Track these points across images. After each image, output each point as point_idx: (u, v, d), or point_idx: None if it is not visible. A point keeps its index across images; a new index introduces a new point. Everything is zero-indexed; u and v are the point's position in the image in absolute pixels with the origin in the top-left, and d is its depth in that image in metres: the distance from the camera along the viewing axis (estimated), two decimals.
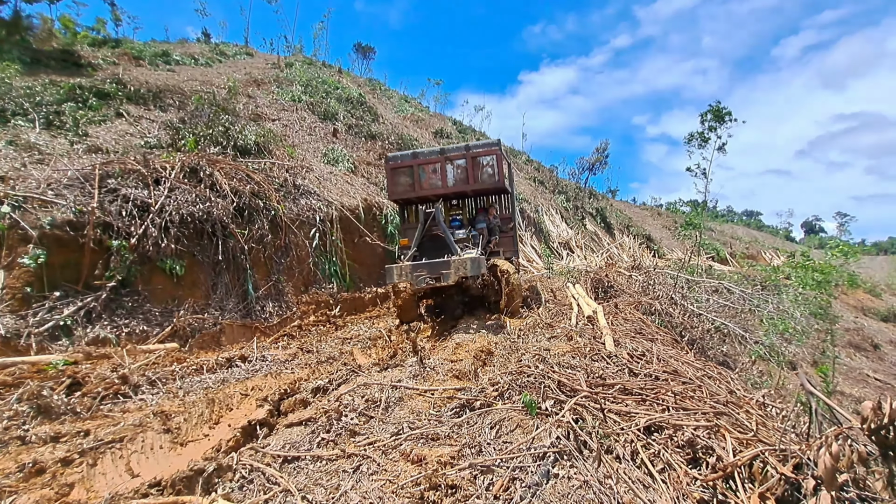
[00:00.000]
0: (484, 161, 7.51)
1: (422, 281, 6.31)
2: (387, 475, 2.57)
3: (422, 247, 7.04)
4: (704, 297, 10.50)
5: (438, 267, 6.33)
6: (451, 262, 6.27)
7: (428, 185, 7.60)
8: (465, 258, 6.28)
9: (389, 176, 7.92)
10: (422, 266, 6.41)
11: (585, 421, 3.02)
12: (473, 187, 7.56)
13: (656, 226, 39.52)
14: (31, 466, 2.69)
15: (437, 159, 7.64)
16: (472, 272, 6.23)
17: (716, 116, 18.21)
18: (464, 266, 6.22)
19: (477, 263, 6.23)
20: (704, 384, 4.17)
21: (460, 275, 6.24)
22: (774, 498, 2.33)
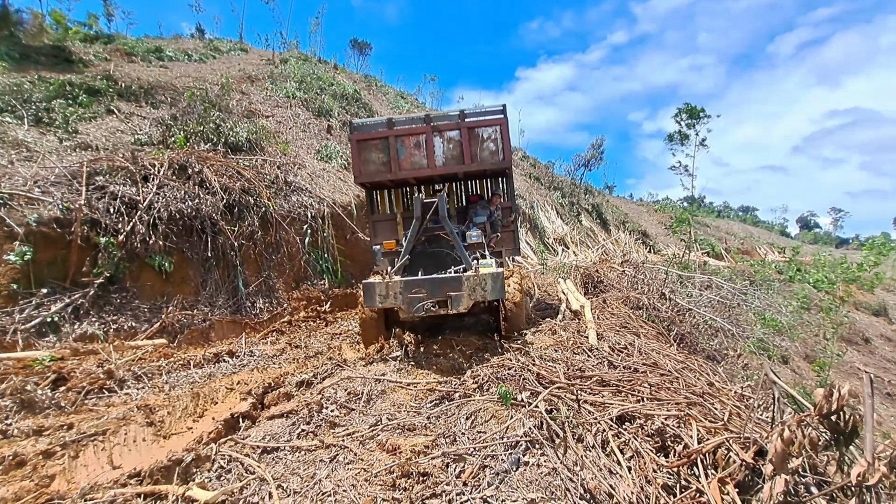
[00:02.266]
0: (484, 133, 5.90)
1: (420, 307, 4.46)
2: (362, 464, 2.63)
3: (414, 253, 5.34)
4: (696, 293, 10.59)
5: (445, 286, 4.52)
6: (464, 280, 4.51)
7: (409, 163, 5.90)
8: (484, 274, 4.53)
9: (355, 151, 6.07)
10: (420, 284, 4.56)
11: (560, 411, 3.08)
12: (469, 168, 5.91)
13: (652, 222, 39.63)
14: (12, 459, 2.73)
15: (421, 129, 5.93)
16: (494, 294, 4.54)
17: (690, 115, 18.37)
18: (482, 286, 4.50)
19: (499, 282, 4.53)
20: (683, 376, 4.23)
21: (477, 298, 4.55)
22: (735, 482, 2.40)
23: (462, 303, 4.51)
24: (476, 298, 4.56)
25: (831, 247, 46.46)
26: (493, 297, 4.60)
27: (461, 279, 4.55)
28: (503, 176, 7.17)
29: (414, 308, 4.48)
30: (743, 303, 9.83)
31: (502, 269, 4.75)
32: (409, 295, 4.54)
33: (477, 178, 7.31)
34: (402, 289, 4.56)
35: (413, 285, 4.57)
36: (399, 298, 4.56)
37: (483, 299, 4.65)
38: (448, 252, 5.34)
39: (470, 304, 4.56)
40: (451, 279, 4.58)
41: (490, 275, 4.54)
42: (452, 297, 4.50)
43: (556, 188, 29.06)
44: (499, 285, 4.52)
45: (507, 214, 7.16)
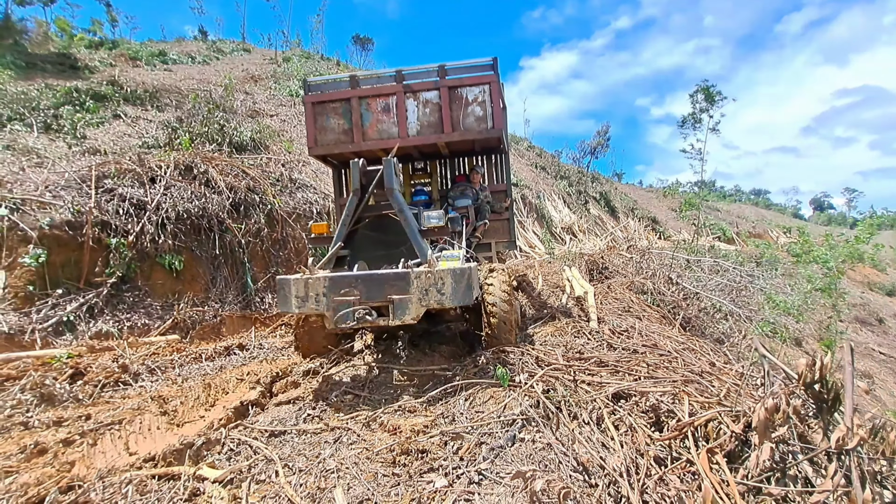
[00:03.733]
0: (469, 95, 4.82)
1: (348, 315, 3.34)
2: (364, 444, 2.74)
3: (355, 240, 4.22)
4: (704, 276, 10.54)
5: (385, 286, 3.37)
6: (412, 278, 3.34)
7: (375, 131, 4.88)
8: (441, 271, 3.34)
9: (310, 115, 5.05)
10: (350, 282, 3.42)
11: (556, 391, 3.16)
12: (451, 137, 4.84)
13: (662, 207, 39.31)
14: (34, 448, 2.89)
15: (391, 89, 4.86)
16: (456, 299, 3.31)
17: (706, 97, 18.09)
18: (438, 287, 3.30)
19: (465, 282, 3.32)
20: (682, 356, 4.28)
21: (431, 305, 3.34)
22: (725, 453, 2.46)
23: (409, 310, 3.26)
24: (430, 305, 3.28)
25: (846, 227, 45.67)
26: (455, 302, 3.27)
27: (408, 277, 3.28)
28: (497, 152, 6.12)
29: (338, 316, 3.27)
30: (750, 284, 9.77)
31: (472, 265, 3.46)
32: (335, 297, 3.33)
33: (465, 156, 6.29)
34: (327, 288, 3.37)
35: (341, 284, 3.36)
36: (322, 302, 3.36)
37: (440, 306, 3.30)
38: (397, 238, 4.10)
39: (420, 311, 3.29)
40: (394, 277, 3.32)
41: (451, 272, 3.25)
42: (395, 301, 3.26)
43: (562, 177, 28.94)
44: (463, 286, 3.24)
45: (501, 199, 6.11)
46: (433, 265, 3.40)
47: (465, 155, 6.26)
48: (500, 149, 5.96)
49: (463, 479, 2.27)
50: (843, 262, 11.71)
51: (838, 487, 1.98)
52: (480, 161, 6.32)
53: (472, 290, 3.32)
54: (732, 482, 2.22)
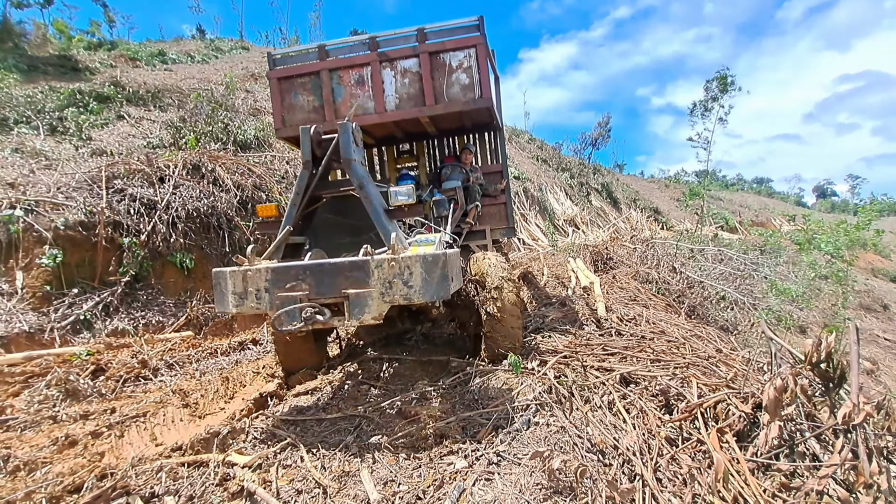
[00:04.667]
0: (453, 60, 4.29)
1: (293, 315, 2.79)
2: (384, 430, 2.83)
3: (315, 225, 3.69)
4: (709, 265, 10.59)
5: (340, 277, 2.78)
6: (372, 267, 2.74)
7: (349, 108, 4.29)
8: (409, 258, 2.73)
9: (276, 93, 4.59)
10: (297, 274, 2.84)
11: (567, 376, 3.24)
12: (434, 111, 4.33)
13: (664, 198, 39.27)
14: (64, 440, 2.99)
15: (365, 59, 4.38)
16: (427, 293, 2.70)
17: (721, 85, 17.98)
18: (405, 278, 2.71)
19: (438, 272, 2.69)
20: (689, 342, 4.36)
21: (397, 300, 2.74)
22: (734, 432, 2.54)
23: (369, 308, 2.67)
24: (395, 300, 2.68)
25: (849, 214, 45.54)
26: (426, 296, 2.64)
27: (366, 266, 2.68)
28: (490, 129, 5.67)
29: (279, 315, 2.74)
30: (754, 272, 9.82)
31: (448, 252, 2.77)
32: (279, 294, 2.76)
33: (455, 134, 5.79)
34: (269, 282, 2.79)
35: (286, 277, 2.78)
36: (264, 299, 2.80)
37: (408, 301, 2.69)
38: (360, 221, 3.51)
39: (383, 308, 2.69)
40: (350, 266, 2.72)
41: (420, 259, 2.63)
42: (352, 297, 2.67)
43: (564, 169, 28.91)
44: (436, 277, 2.62)
45: (496, 180, 5.60)
46: (398, 251, 2.73)
47: (454, 134, 5.75)
48: (493, 125, 5.42)
49: (482, 460, 2.36)
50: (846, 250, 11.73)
51: (846, 462, 2.06)
52: (472, 140, 5.85)
53: (448, 281, 2.64)
54: (742, 459, 2.31)
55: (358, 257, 2.82)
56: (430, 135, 5.52)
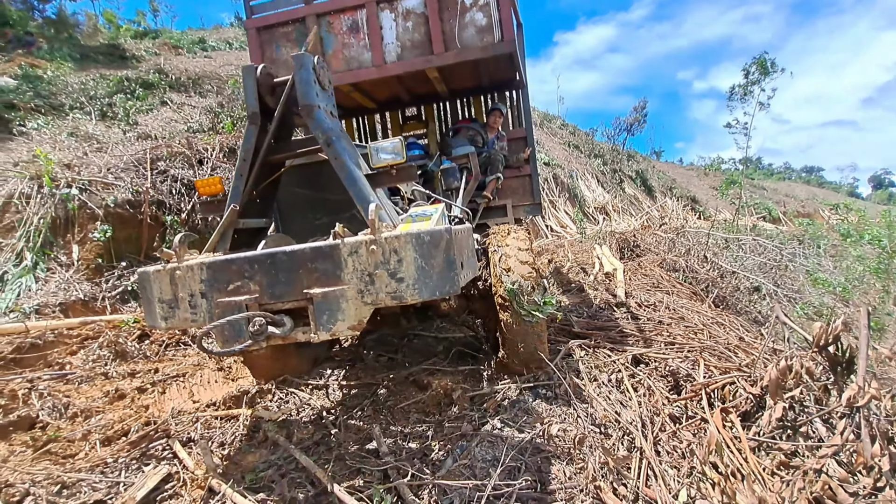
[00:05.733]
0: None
1: (238, 328, 1.94)
2: (398, 396, 3.01)
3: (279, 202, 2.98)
4: (743, 255, 10.25)
5: (298, 272, 1.93)
6: (343, 255, 1.89)
7: (342, 60, 3.72)
8: (395, 237, 1.86)
9: (255, 45, 3.91)
10: (242, 270, 1.99)
11: (576, 354, 3.32)
12: (444, 60, 3.61)
13: (703, 186, 37.82)
14: (114, 393, 3.32)
15: (359, 0, 3.68)
16: (425, 288, 1.85)
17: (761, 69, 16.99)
18: (391, 269, 1.86)
19: (441, 256, 1.86)
20: (708, 328, 4.33)
21: (382, 301, 1.87)
22: (740, 413, 2.57)
23: (342, 314, 1.89)
24: (381, 300, 1.87)
25: None
26: (425, 292, 1.86)
27: (336, 253, 1.90)
28: (512, 87, 4.88)
29: (218, 328, 1.93)
30: (791, 263, 9.44)
31: (453, 227, 2.00)
32: (219, 299, 1.98)
33: (470, 94, 4.97)
34: (206, 283, 2.01)
35: (228, 274, 1.99)
36: (201, 308, 2.01)
37: (399, 301, 1.87)
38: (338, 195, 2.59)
39: (363, 314, 1.90)
40: (313, 255, 1.92)
41: (412, 238, 1.86)
42: (317, 300, 1.89)
43: (596, 155, 28.24)
44: (437, 264, 1.86)
45: (519, 148, 4.82)
46: (378, 229, 1.86)
47: (469, 94, 4.96)
48: (517, 82, 4.65)
49: (488, 426, 2.49)
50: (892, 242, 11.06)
51: (847, 442, 2.07)
52: (493, 99, 5.00)
53: (456, 269, 1.86)
54: (744, 437, 2.34)
55: (324, 241, 1.92)
56: (440, 96, 4.73)
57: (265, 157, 2.48)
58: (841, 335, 2.17)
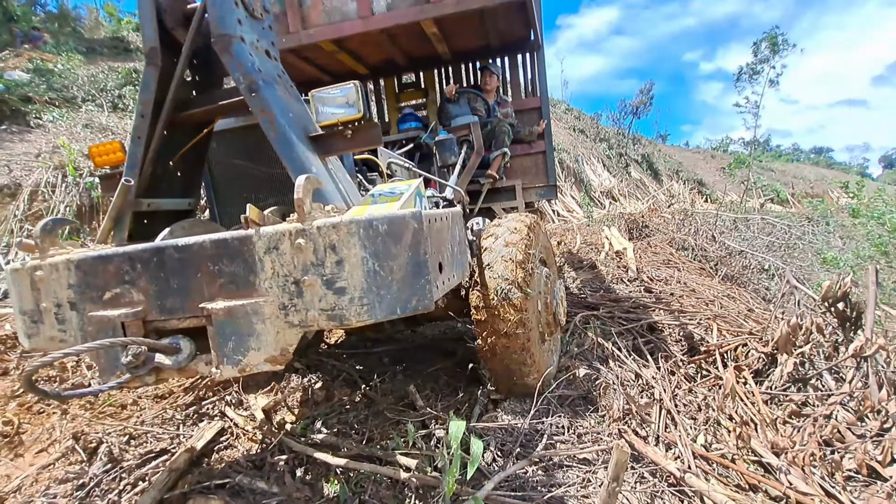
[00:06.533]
0: None
1: (115, 359, 1.35)
2: (425, 364, 3.17)
3: (214, 176, 2.34)
4: (751, 235, 10.30)
5: (190, 277, 1.32)
6: (256, 249, 1.27)
7: (322, 13, 3.25)
8: (330, 226, 1.22)
9: None
10: (120, 271, 1.37)
11: (591, 324, 3.46)
12: (443, 9, 3.08)
13: (709, 169, 37.59)
14: None
15: None
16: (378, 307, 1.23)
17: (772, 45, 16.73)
18: (326, 274, 1.23)
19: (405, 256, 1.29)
20: (719, 300, 4.45)
21: (312, 322, 1.25)
22: (752, 371, 2.71)
23: (258, 339, 1.28)
24: (313, 322, 1.26)
25: None
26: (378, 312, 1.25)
27: (246, 248, 1.28)
28: (525, 49, 4.26)
29: (100, 361, 1.40)
30: (799, 241, 9.50)
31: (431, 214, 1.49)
32: (93, 313, 1.40)
33: (476, 58, 4.35)
34: (76, 289, 1.44)
35: (102, 277, 1.40)
36: (71, 323, 1.45)
37: (341, 324, 1.27)
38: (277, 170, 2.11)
39: (288, 341, 1.30)
40: (215, 249, 1.31)
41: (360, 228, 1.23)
42: (217, 319, 1.29)
43: (602, 140, 28.11)
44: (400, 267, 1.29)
45: (533, 121, 4.21)
46: (310, 214, 1.28)
47: (475, 57, 4.35)
48: (531, 42, 4.09)
49: None
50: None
51: (855, 390, 2.21)
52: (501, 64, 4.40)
53: (427, 274, 1.35)
54: (756, 391, 2.49)
55: (230, 232, 1.35)
56: (441, 59, 4.18)
57: (174, 112, 1.87)
58: (849, 291, 2.29)
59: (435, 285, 1.40)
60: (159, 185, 1.95)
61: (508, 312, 2.07)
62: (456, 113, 3.95)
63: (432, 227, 1.44)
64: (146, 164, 1.85)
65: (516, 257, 2.15)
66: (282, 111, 1.70)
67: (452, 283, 1.62)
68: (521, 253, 2.17)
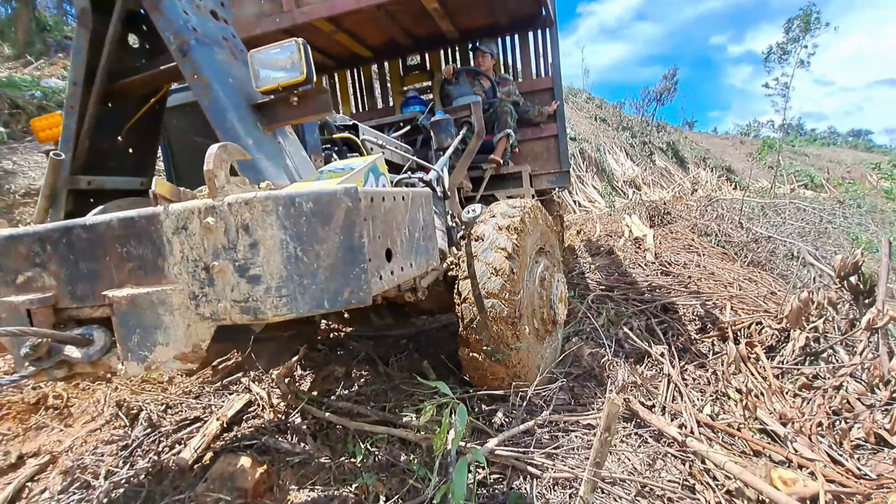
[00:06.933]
0: None
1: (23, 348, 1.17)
2: (438, 347, 3.28)
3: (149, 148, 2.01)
4: (779, 220, 10.02)
5: (97, 260, 1.16)
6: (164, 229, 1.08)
7: None
8: (242, 202, 1.01)
9: None
10: (28, 251, 1.23)
11: (606, 304, 3.50)
12: None
13: (738, 155, 36.38)
14: None
15: None
16: (300, 299, 1.03)
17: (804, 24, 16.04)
18: (237, 256, 1.02)
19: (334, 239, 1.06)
20: (739, 283, 4.40)
21: (221, 315, 1.06)
22: (765, 347, 2.71)
23: (161, 338, 1.10)
24: (226, 315, 1.06)
25: None
26: (301, 305, 1.04)
27: (153, 228, 1.09)
28: (536, 26, 4.06)
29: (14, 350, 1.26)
30: (830, 225, 9.18)
31: (375, 193, 1.21)
32: (4, 298, 1.26)
33: (484, 37, 4.09)
34: None
35: (13, 258, 1.27)
36: None
37: (255, 318, 1.04)
38: None
39: (202, 335, 1.10)
40: (122, 229, 1.13)
41: (277, 203, 1.02)
42: (120, 309, 1.11)
43: (625, 128, 27.56)
44: (328, 254, 1.07)
45: (544, 101, 4.00)
46: (217, 188, 1.06)
47: (483, 36, 4.10)
48: (543, 18, 3.91)
49: None
50: None
51: (865, 361, 2.20)
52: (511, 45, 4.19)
53: (362, 261, 1.10)
54: (768, 365, 2.50)
55: (137, 210, 1.17)
56: (447, 38, 4.03)
57: (114, 81, 1.68)
58: (860, 264, 2.28)
59: (377, 275, 1.16)
60: (105, 162, 1.76)
61: (495, 306, 1.94)
62: (457, 94, 3.80)
63: (376, 206, 1.21)
64: (82, 137, 1.69)
65: (507, 246, 2.00)
66: (218, 76, 1.56)
67: (408, 273, 1.38)
68: (513, 241, 2.02)
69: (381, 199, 1.23)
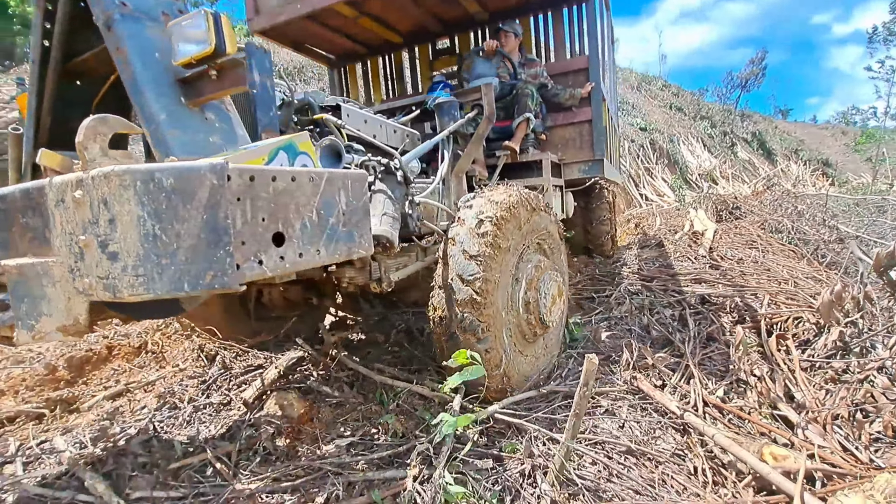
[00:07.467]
0: None
1: None
2: None
3: None
4: (872, 218, 9.07)
5: (4, 232, 1.24)
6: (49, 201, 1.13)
7: None
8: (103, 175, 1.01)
9: None
10: None
11: (640, 294, 3.54)
12: None
13: (837, 147, 32.68)
14: None
15: None
16: (156, 281, 1.02)
17: None
18: (99, 232, 1.03)
19: (196, 221, 1.03)
20: (795, 279, 4.18)
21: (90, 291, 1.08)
22: (799, 342, 2.66)
23: (45, 309, 1.13)
24: (93, 291, 1.08)
25: None
26: (157, 286, 1.03)
27: (41, 200, 1.16)
28: (573, 2, 3.78)
29: None
30: None
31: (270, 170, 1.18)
32: None
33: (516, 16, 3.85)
34: None
35: None
36: None
37: (114, 295, 1.04)
38: None
39: (79, 309, 1.14)
40: (21, 200, 1.21)
41: (134, 177, 1.00)
42: (11, 279, 1.14)
43: (703, 117, 25.76)
44: (190, 234, 1.04)
45: (578, 83, 3.73)
46: (87, 161, 1.14)
47: (514, 15, 3.86)
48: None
49: None
50: None
51: (895, 355, 2.14)
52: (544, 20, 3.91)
53: (227, 244, 1.06)
54: (797, 358, 2.47)
55: (34, 181, 1.22)
56: (475, 20, 3.90)
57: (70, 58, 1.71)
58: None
59: (253, 260, 1.11)
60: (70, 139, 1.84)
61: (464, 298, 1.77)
62: (480, 72, 3.61)
63: (259, 186, 1.13)
64: (43, 114, 1.74)
65: (486, 233, 1.82)
66: (139, 50, 1.50)
67: (313, 260, 1.28)
68: (494, 229, 1.84)
69: (269, 179, 1.16)
